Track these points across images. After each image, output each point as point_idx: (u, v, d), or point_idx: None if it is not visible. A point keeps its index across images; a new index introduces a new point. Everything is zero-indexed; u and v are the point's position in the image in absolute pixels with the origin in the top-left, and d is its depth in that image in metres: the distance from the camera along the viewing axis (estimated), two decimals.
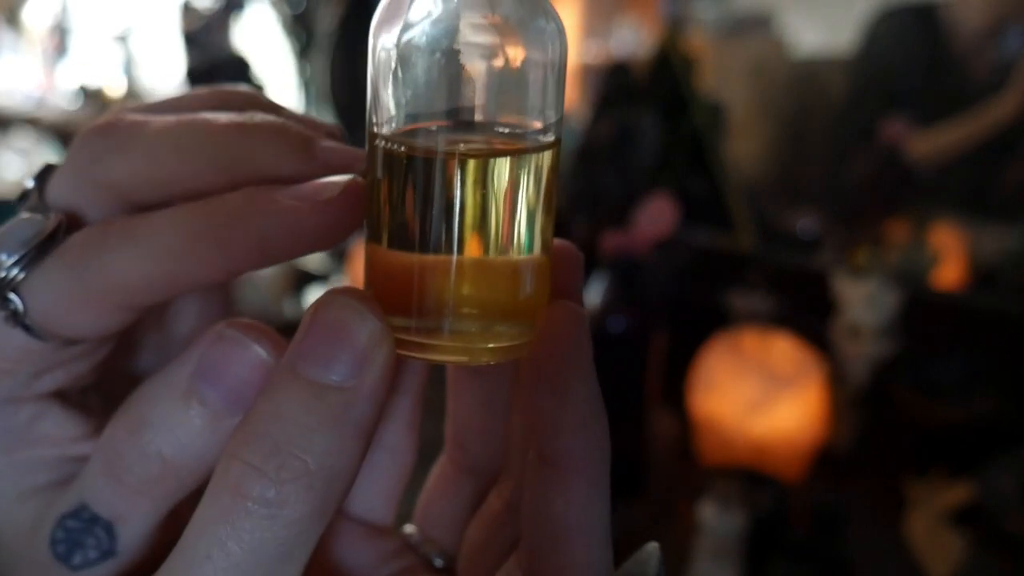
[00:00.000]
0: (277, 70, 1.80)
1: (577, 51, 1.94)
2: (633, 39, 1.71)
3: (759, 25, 1.35)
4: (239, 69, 1.55)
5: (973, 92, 1.02)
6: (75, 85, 2.42)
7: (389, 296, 0.16)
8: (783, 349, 0.81)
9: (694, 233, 1.07)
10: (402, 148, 0.15)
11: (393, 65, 0.15)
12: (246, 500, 0.14)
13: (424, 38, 0.15)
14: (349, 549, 0.21)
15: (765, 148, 1.30)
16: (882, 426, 0.85)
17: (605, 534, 0.17)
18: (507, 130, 0.16)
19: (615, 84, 1.06)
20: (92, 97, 2.28)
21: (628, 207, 0.75)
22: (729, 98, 1.22)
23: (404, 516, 0.23)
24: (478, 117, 0.15)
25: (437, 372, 0.20)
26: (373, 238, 0.17)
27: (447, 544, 0.22)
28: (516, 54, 0.15)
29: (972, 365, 0.87)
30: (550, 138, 0.16)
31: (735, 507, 0.62)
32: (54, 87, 2.68)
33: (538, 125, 0.16)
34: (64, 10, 2.76)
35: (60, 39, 2.75)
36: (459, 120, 0.15)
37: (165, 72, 2.30)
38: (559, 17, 0.16)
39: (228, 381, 0.17)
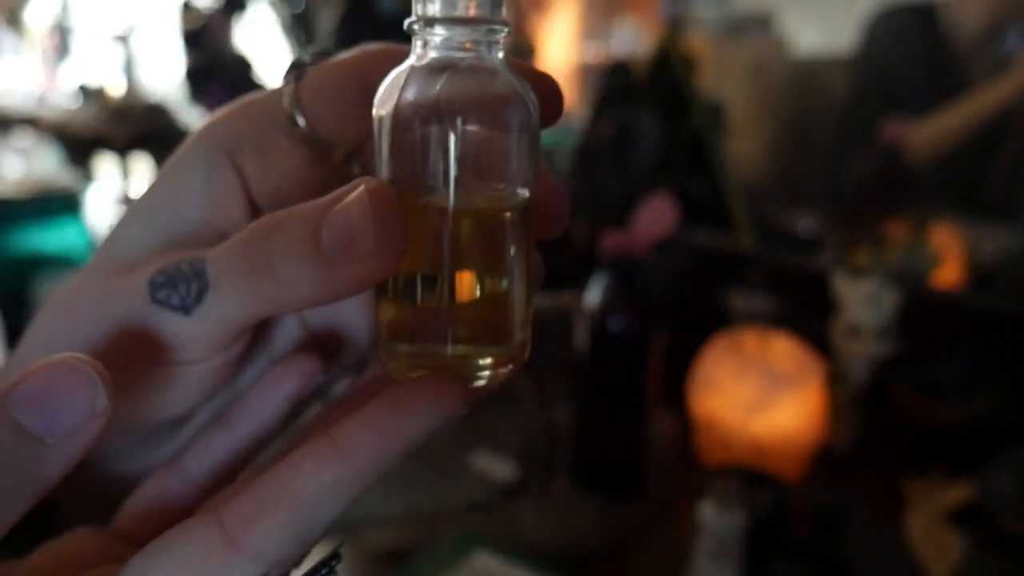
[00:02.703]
0: (277, 70, 1.80)
1: (577, 51, 1.94)
2: (633, 39, 1.71)
3: (759, 25, 1.35)
4: (239, 69, 1.55)
5: (974, 91, 1.02)
6: (75, 85, 2.42)
7: (395, 324, 0.19)
8: (783, 349, 0.81)
9: (694, 233, 1.07)
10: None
11: (390, 136, 0.18)
12: None
13: (416, 113, 0.18)
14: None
15: (765, 148, 1.30)
16: (882, 426, 0.86)
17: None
18: (489, 190, 0.19)
19: (615, 84, 1.06)
20: (92, 96, 2.28)
21: (628, 207, 0.75)
22: (729, 98, 1.22)
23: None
24: (463, 179, 0.18)
25: None
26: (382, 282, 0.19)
27: None
28: (496, 128, 0.18)
29: (972, 365, 0.87)
30: (526, 194, 0.19)
31: (735, 507, 0.62)
32: (55, 87, 2.69)
33: (516, 183, 0.19)
34: (65, 10, 2.77)
35: (60, 39, 2.75)
36: (447, 182, 0.18)
37: (165, 72, 2.31)
38: (532, 91, 0.19)
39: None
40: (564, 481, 0.75)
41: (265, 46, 1.81)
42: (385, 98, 0.18)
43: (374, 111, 0.19)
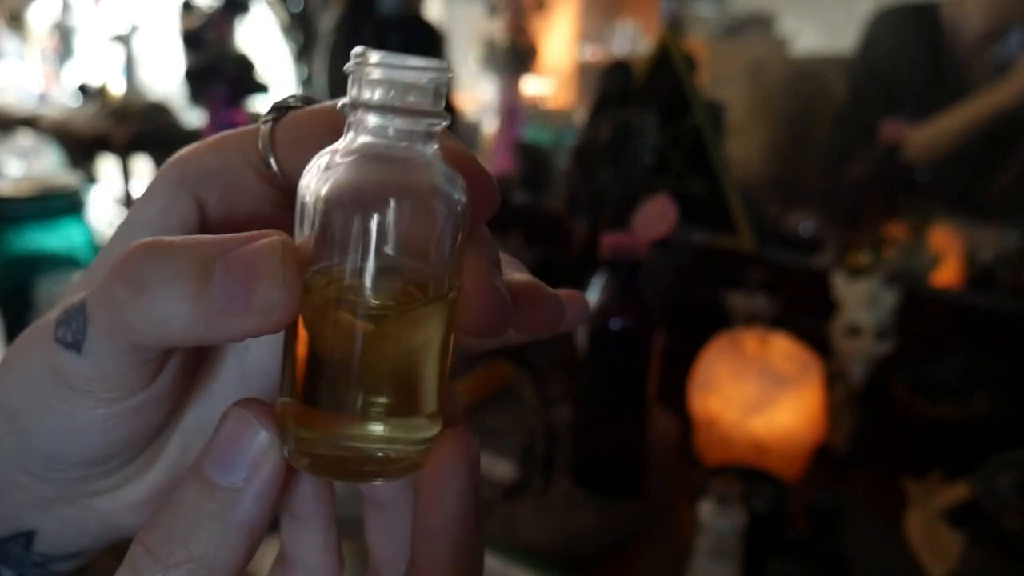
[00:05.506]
0: (276, 70, 1.80)
1: (576, 51, 1.94)
2: (633, 39, 1.71)
3: (759, 25, 1.35)
4: (239, 69, 1.55)
5: (974, 94, 1.02)
6: (76, 84, 2.42)
7: (294, 410, 0.18)
8: (783, 349, 0.81)
9: (694, 233, 1.07)
10: (314, 294, 0.17)
11: (313, 215, 0.17)
12: None
13: (339, 200, 0.17)
14: None
15: (764, 148, 1.30)
16: (881, 425, 0.86)
17: None
18: (404, 285, 0.18)
19: (615, 83, 1.06)
20: (93, 96, 2.28)
21: (628, 207, 0.75)
22: (728, 98, 1.22)
23: None
24: (378, 273, 0.17)
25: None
26: (288, 359, 0.18)
27: None
28: (419, 222, 0.17)
29: (970, 364, 0.87)
30: (446, 292, 0.18)
31: (734, 506, 0.62)
32: (55, 86, 2.69)
33: (436, 280, 0.18)
34: (66, 10, 2.77)
35: (61, 39, 2.76)
36: (360, 275, 0.17)
37: (165, 72, 2.31)
38: (463, 187, 0.18)
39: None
40: (564, 481, 0.75)
41: (265, 46, 1.81)
42: (307, 181, 0.17)
43: (299, 188, 0.18)
